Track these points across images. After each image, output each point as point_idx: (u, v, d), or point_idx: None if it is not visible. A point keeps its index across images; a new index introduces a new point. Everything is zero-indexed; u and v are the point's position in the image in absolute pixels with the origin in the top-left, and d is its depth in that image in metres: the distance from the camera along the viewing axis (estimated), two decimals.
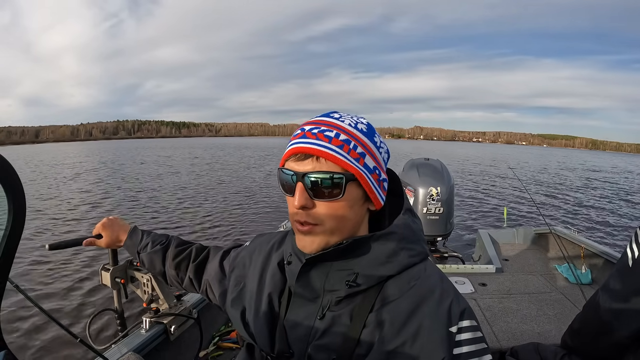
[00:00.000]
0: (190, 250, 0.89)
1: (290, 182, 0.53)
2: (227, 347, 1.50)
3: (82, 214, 8.33)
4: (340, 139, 0.52)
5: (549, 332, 1.58)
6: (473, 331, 0.51)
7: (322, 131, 0.53)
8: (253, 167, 20.97)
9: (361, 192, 0.55)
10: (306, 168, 0.52)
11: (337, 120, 0.55)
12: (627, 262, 0.88)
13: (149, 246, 0.91)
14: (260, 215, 8.14)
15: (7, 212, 0.57)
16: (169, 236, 0.95)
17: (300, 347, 0.58)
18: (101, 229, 0.97)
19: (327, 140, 0.52)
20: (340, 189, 0.52)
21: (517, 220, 8.03)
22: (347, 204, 0.53)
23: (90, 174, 17.61)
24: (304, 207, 0.52)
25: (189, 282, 0.87)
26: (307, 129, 0.54)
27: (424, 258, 0.58)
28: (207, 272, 0.83)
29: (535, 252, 2.71)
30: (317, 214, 0.53)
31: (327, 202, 0.52)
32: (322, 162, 0.52)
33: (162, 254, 0.90)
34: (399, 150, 44.18)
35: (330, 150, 0.51)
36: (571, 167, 30.07)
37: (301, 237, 0.55)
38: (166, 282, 0.94)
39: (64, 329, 0.84)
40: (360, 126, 0.55)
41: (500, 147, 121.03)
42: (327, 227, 0.53)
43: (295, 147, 0.53)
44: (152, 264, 0.91)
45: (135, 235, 0.95)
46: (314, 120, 0.56)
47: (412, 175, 2.57)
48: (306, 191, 0.52)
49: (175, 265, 0.88)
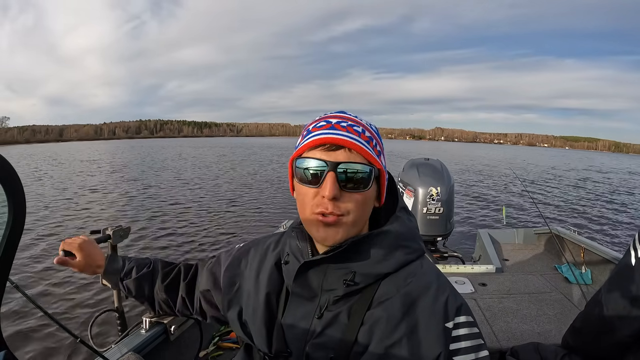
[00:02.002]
0: (178, 270, 0.86)
1: (320, 171, 0.52)
2: (227, 347, 1.50)
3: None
4: (366, 135, 0.54)
5: (549, 332, 1.58)
6: (469, 327, 0.52)
7: (351, 125, 0.54)
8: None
9: (377, 188, 0.56)
10: (339, 158, 0.52)
11: (357, 118, 0.57)
12: (630, 261, 0.88)
13: (133, 271, 0.85)
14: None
15: (7, 212, 0.57)
16: (152, 258, 0.89)
17: (298, 346, 0.58)
18: (77, 249, 0.83)
19: (357, 134, 0.53)
20: (369, 182, 0.53)
21: (517, 220, 8.03)
22: (369, 198, 0.55)
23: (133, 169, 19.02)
24: (334, 198, 0.51)
25: (182, 303, 0.83)
26: (335, 122, 0.54)
27: (420, 255, 0.58)
28: (200, 285, 0.80)
29: (535, 252, 2.71)
30: (344, 205, 0.52)
31: (355, 194, 0.53)
32: (355, 155, 0.52)
33: (150, 278, 0.85)
34: (419, 151, 44.56)
35: (361, 144, 0.53)
36: (572, 167, 30.12)
37: (324, 229, 0.53)
38: (153, 310, 0.88)
39: (64, 329, 0.84)
40: (373, 127, 0.57)
41: (521, 149, 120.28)
42: (352, 218, 0.53)
43: (324, 137, 0.52)
44: (140, 290, 0.85)
45: (116, 261, 0.86)
46: (337, 115, 0.56)
47: (412, 175, 2.57)
48: (337, 181, 0.51)
49: (165, 288, 0.84)
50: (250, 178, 15.02)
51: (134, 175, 15.83)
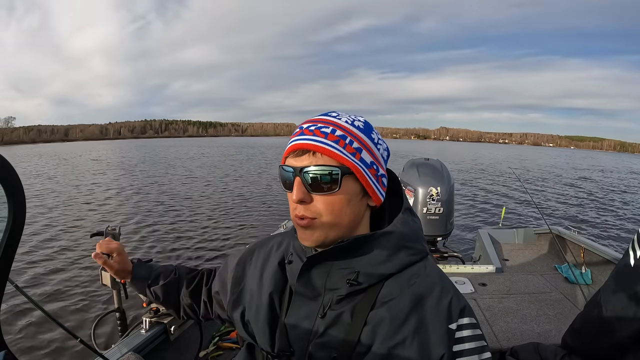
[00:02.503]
0: (201, 275, 0.88)
1: (289, 177, 0.55)
2: (227, 347, 1.50)
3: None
4: (336, 134, 0.53)
5: (549, 332, 1.58)
6: (473, 328, 0.51)
7: (318, 128, 0.54)
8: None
9: (359, 187, 0.55)
10: (303, 163, 0.53)
11: (335, 118, 0.56)
12: (629, 262, 0.88)
13: (160, 278, 0.88)
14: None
15: (7, 212, 0.57)
16: (174, 266, 0.92)
17: (301, 346, 0.58)
18: (115, 250, 0.87)
19: (323, 136, 0.53)
20: (336, 182, 0.52)
21: (517, 220, 8.04)
22: (344, 198, 0.54)
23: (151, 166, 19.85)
24: (302, 201, 0.53)
25: (205, 307, 0.86)
26: (305, 127, 0.55)
27: (424, 256, 0.58)
28: (214, 288, 0.83)
29: (535, 252, 2.71)
30: (314, 208, 0.54)
31: (324, 196, 0.53)
32: (319, 157, 0.53)
33: (177, 285, 0.88)
34: (422, 151, 44.95)
35: (325, 145, 0.52)
36: (573, 166, 30.15)
37: (301, 231, 0.56)
38: (179, 316, 0.91)
39: (64, 329, 0.84)
40: (357, 123, 0.56)
41: (526, 149, 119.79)
42: (325, 220, 0.54)
43: (293, 144, 0.55)
44: (167, 296, 0.87)
45: (143, 268, 0.90)
46: (312, 119, 0.57)
47: (412, 175, 2.57)
48: (304, 185, 0.53)
49: (190, 293, 0.86)
50: (257, 177, 15.41)
51: (148, 173, 16.39)
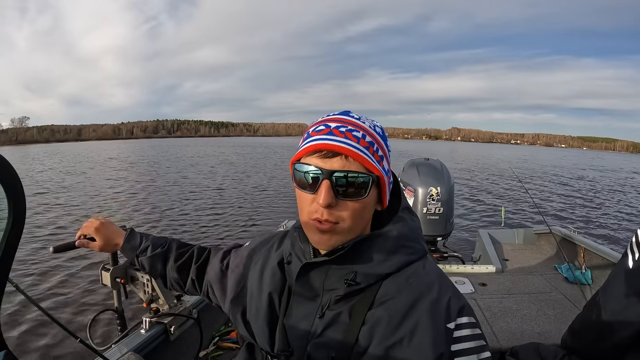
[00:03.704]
0: (192, 252, 0.88)
1: (315, 178, 0.52)
2: (227, 347, 1.50)
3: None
4: (367, 140, 0.52)
5: (549, 332, 1.58)
6: (471, 328, 0.51)
7: (349, 130, 0.52)
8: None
9: (377, 194, 0.55)
10: (334, 166, 0.51)
11: (359, 120, 0.55)
12: (628, 263, 0.88)
13: (149, 249, 0.89)
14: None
15: (7, 212, 0.57)
16: (168, 239, 0.93)
17: (300, 346, 0.58)
18: (94, 232, 0.92)
19: (355, 140, 0.51)
20: (366, 189, 0.52)
21: (517, 220, 8.03)
22: (367, 205, 0.54)
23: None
24: (328, 206, 0.51)
25: (192, 284, 0.86)
26: (334, 127, 0.52)
27: (423, 256, 0.58)
28: (209, 273, 0.83)
29: (535, 252, 2.71)
30: (339, 213, 0.52)
31: (351, 202, 0.52)
32: (351, 162, 0.51)
33: (164, 257, 0.89)
34: (433, 151, 45.40)
35: (359, 150, 0.51)
36: (574, 166, 30.15)
37: (319, 234, 0.54)
38: (166, 286, 0.93)
39: (64, 329, 0.84)
40: (377, 129, 0.56)
41: (538, 150, 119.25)
42: (346, 226, 0.53)
43: (321, 144, 0.51)
44: (154, 267, 0.89)
45: (134, 238, 0.92)
46: (337, 118, 0.55)
47: (412, 175, 2.57)
48: (332, 189, 0.51)
49: (177, 267, 0.87)
50: (274, 172, 16.09)
51: (162, 172, 17.15)
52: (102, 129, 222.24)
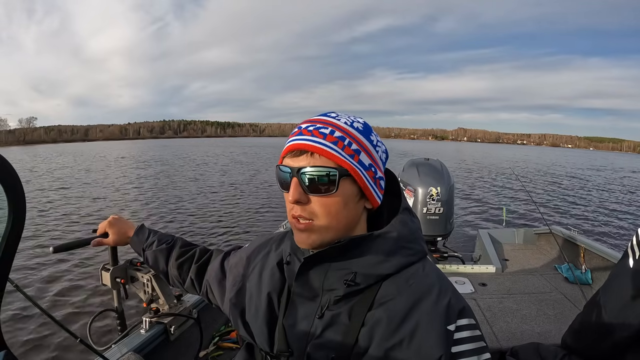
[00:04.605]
0: (194, 252, 0.90)
1: (286, 178, 0.55)
2: (227, 347, 1.49)
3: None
4: (335, 135, 0.53)
5: (549, 332, 1.58)
6: (471, 329, 0.51)
7: (317, 128, 0.54)
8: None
9: (356, 189, 0.55)
10: (301, 164, 0.53)
11: (334, 118, 0.56)
12: (628, 263, 0.88)
13: (154, 244, 0.93)
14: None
15: (7, 212, 0.57)
16: (175, 236, 0.97)
17: (299, 346, 0.58)
18: (108, 227, 0.99)
19: (321, 137, 0.53)
20: (334, 184, 0.52)
21: (517, 220, 8.03)
22: (341, 200, 0.54)
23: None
24: (298, 202, 0.53)
25: (190, 283, 0.88)
26: (304, 127, 0.55)
27: (422, 257, 0.58)
28: (208, 273, 0.84)
29: (535, 252, 2.71)
30: (311, 209, 0.54)
31: (321, 197, 0.53)
32: (317, 158, 0.52)
33: (167, 253, 0.92)
34: (439, 151, 45.77)
35: (324, 146, 0.52)
36: (574, 166, 30.13)
37: (298, 233, 0.56)
38: (168, 282, 0.96)
39: (64, 329, 0.84)
40: (356, 124, 0.56)
41: (544, 150, 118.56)
42: (322, 222, 0.54)
43: (291, 144, 0.54)
44: (156, 262, 0.92)
45: (142, 233, 0.97)
46: (311, 119, 0.57)
47: (412, 175, 2.57)
48: (300, 186, 0.53)
49: (178, 265, 0.89)
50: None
51: (171, 172, 17.68)
52: (109, 130, 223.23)
